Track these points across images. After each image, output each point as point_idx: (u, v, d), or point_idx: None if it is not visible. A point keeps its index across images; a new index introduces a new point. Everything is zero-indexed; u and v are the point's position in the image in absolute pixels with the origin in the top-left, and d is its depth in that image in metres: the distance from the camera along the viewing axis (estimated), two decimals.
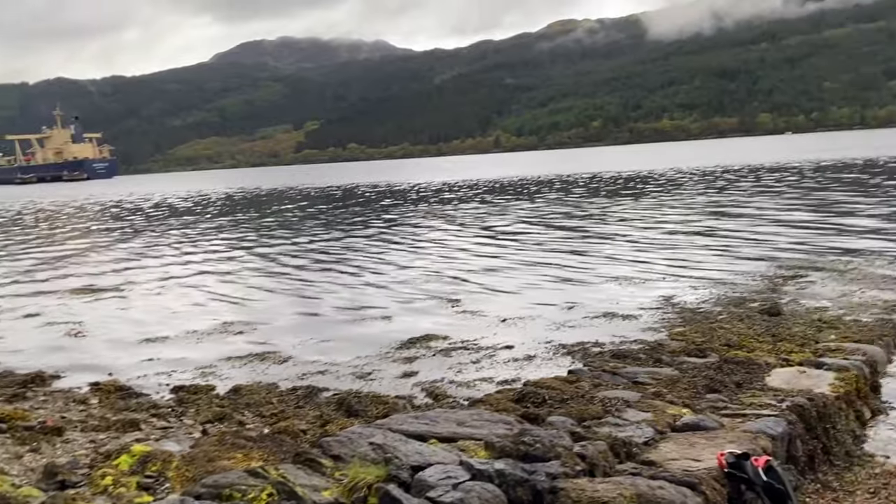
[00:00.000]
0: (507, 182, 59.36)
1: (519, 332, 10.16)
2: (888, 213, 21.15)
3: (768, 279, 12.62)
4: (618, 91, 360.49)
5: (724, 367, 6.67)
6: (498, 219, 27.31)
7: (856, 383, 6.45)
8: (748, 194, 31.76)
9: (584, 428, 4.71)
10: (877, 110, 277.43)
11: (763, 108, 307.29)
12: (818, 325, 8.94)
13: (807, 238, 17.45)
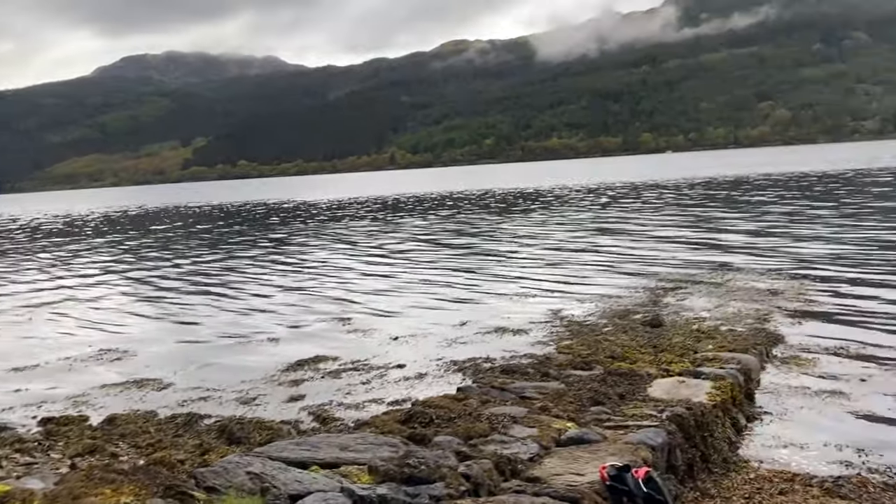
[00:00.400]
0: (401, 199, 59.43)
1: (410, 351, 10.07)
2: (758, 228, 22.36)
3: (650, 292, 13.04)
4: (509, 110, 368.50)
5: (609, 379, 6.78)
6: (390, 237, 27.22)
7: (731, 391, 6.69)
8: (631, 210, 32.97)
9: (470, 447, 4.65)
10: (749, 130, 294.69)
11: (645, 128, 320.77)
12: (697, 335, 9.27)
13: (685, 252, 18.20)
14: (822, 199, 32.16)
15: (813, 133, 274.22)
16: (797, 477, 5.41)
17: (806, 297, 11.71)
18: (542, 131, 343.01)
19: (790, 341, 9.19)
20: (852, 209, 26.08)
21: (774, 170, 68.61)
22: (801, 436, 6.28)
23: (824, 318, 10.25)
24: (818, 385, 7.54)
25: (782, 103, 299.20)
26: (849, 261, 15.00)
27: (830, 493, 5.08)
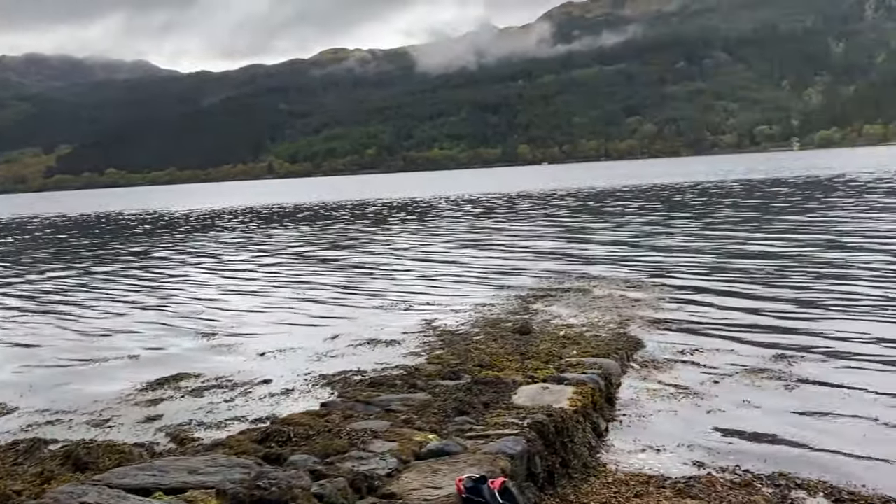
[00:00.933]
0: (276, 210, 58.26)
1: (278, 366, 9.77)
2: (622, 238, 23.29)
3: (522, 300, 13.26)
4: (390, 120, 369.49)
5: (475, 388, 6.79)
6: (262, 249, 26.57)
7: (592, 396, 6.84)
8: (505, 220, 33.64)
9: (326, 465, 4.50)
10: (618, 143, 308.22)
11: (522, 140, 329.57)
12: (563, 341, 9.46)
13: (555, 261, 18.69)
14: (680, 209, 33.96)
15: (676, 146, 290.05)
16: (652, 479, 5.56)
17: (664, 303, 12.23)
18: (423, 142, 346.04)
19: (649, 346, 9.53)
20: (708, 219, 27.63)
21: (639, 181, 71.94)
22: (658, 438, 6.48)
23: (680, 324, 10.71)
24: (675, 387, 7.84)
25: (648, 118, 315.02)
26: (702, 268, 15.82)
27: (682, 493, 5.24)
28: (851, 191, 39.39)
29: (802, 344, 9.10)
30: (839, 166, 78.86)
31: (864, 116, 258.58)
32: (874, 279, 13.20)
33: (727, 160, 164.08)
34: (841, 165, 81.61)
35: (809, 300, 11.83)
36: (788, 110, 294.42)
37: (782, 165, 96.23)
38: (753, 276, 14.26)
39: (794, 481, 5.44)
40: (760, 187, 48.49)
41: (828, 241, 19.06)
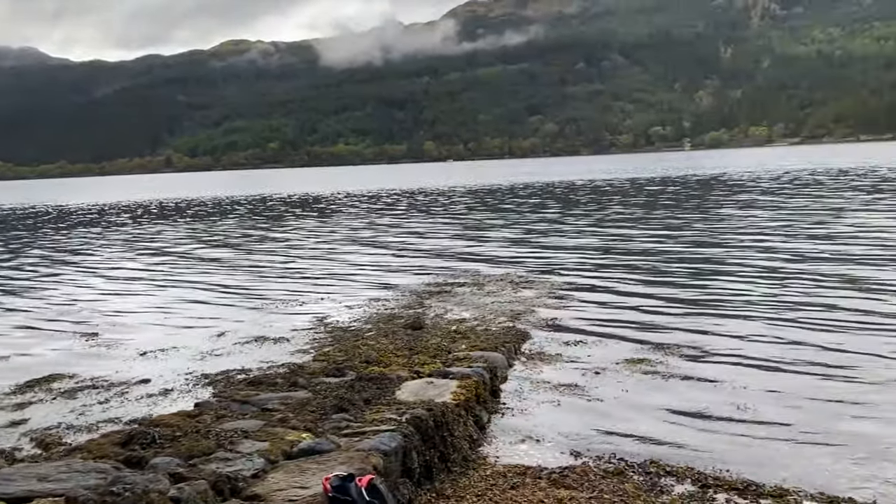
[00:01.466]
0: (168, 205, 56.38)
1: (159, 365, 9.39)
2: (518, 234, 23.68)
3: (417, 295, 13.23)
4: (294, 114, 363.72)
5: (357, 384, 6.69)
6: (151, 244, 25.64)
7: (476, 389, 6.86)
8: (405, 216, 33.63)
9: (189, 467, 4.31)
10: (521, 142, 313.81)
11: (428, 136, 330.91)
12: (453, 336, 9.48)
13: (452, 255, 18.79)
14: (574, 206, 34.82)
15: (577, 145, 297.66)
16: (529, 470, 5.62)
17: (553, 298, 12.45)
18: (328, 136, 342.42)
19: (537, 339, 9.67)
20: (598, 216, 28.41)
21: (538, 179, 73.39)
22: (538, 429, 6.57)
23: (567, 318, 10.92)
24: (558, 379, 7.97)
25: (550, 117, 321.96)
26: (590, 264, 16.21)
27: (556, 484, 5.31)
28: (732, 189, 41.33)
29: (680, 338, 9.41)
30: (724, 166, 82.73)
31: (750, 119, 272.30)
32: (748, 276, 13.83)
33: (623, 159, 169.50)
34: (725, 165, 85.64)
35: (687, 296, 12.28)
36: (681, 112, 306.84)
37: (672, 165, 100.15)
38: (637, 272, 14.70)
39: (664, 469, 5.60)
40: (649, 186, 50.26)
41: (707, 237, 19.90)
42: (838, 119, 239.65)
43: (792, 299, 11.30)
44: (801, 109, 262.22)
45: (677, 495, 5.13)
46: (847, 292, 11.63)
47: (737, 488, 5.23)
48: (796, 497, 5.01)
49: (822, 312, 10.30)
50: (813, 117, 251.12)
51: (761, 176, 55.13)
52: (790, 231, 20.06)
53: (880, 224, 20.63)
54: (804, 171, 58.35)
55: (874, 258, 14.82)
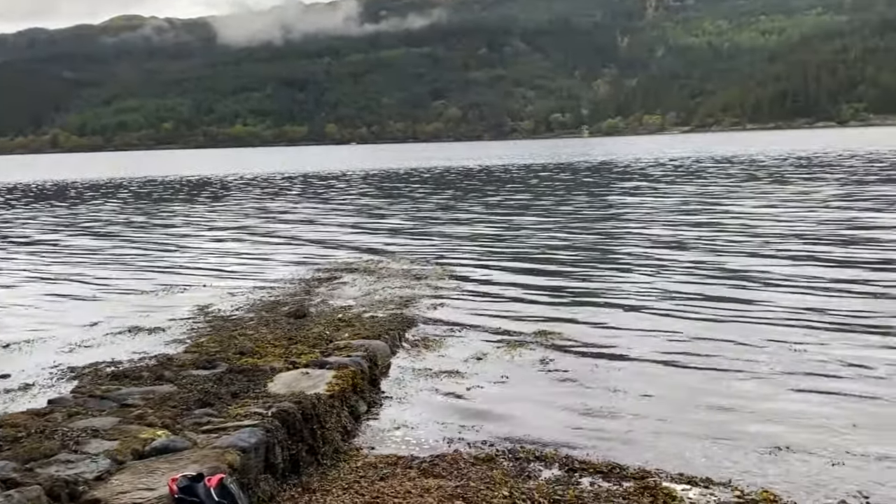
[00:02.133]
0: (52, 186, 53.51)
1: (22, 359, 8.84)
2: (414, 219, 23.66)
3: (305, 282, 12.97)
4: (189, 93, 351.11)
5: (227, 377, 6.46)
6: (23, 229, 24.25)
7: (353, 379, 6.74)
8: (299, 200, 33.05)
9: (25, 471, 4.02)
10: (425, 126, 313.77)
11: (330, 118, 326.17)
12: (338, 324, 9.31)
13: (345, 241, 18.59)
14: (471, 191, 35.12)
15: (479, 131, 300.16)
16: (401, 460, 5.55)
17: (444, 283, 12.45)
18: (225, 117, 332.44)
19: (424, 325, 9.64)
20: (494, 200, 28.71)
21: (440, 164, 73.62)
22: (414, 417, 6.52)
23: (456, 304, 10.94)
24: (440, 366, 7.95)
25: (454, 102, 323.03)
26: (483, 249, 16.36)
27: (426, 473, 5.27)
28: (621, 176, 42.60)
29: (562, 325, 9.53)
30: (617, 153, 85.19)
31: (644, 107, 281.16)
32: (629, 264, 14.24)
33: (523, 145, 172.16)
34: (618, 152, 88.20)
35: (572, 283, 12.52)
36: (579, 99, 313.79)
37: (568, 151, 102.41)
38: (525, 259, 14.88)
39: (534, 454, 5.65)
40: (543, 172, 51.19)
41: (594, 225, 20.41)
42: (726, 108, 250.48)
43: (667, 287, 11.68)
44: (692, 99, 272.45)
45: (544, 480, 5.17)
46: (717, 280, 12.13)
47: (601, 471, 5.32)
48: (657, 478, 5.14)
49: (695, 301, 10.68)
50: (703, 106, 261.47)
51: (650, 163, 57.07)
52: (670, 218, 20.79)
53: (751, 211, 21.65)
54: (689, 159, 60.73)
55: (744, 245, 15.52)
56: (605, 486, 5.07)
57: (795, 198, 24.76)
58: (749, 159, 55.53)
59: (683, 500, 4.85)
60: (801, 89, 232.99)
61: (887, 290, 10.58)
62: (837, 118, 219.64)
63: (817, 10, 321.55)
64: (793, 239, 15.78)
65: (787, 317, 9.33)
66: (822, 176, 34.82)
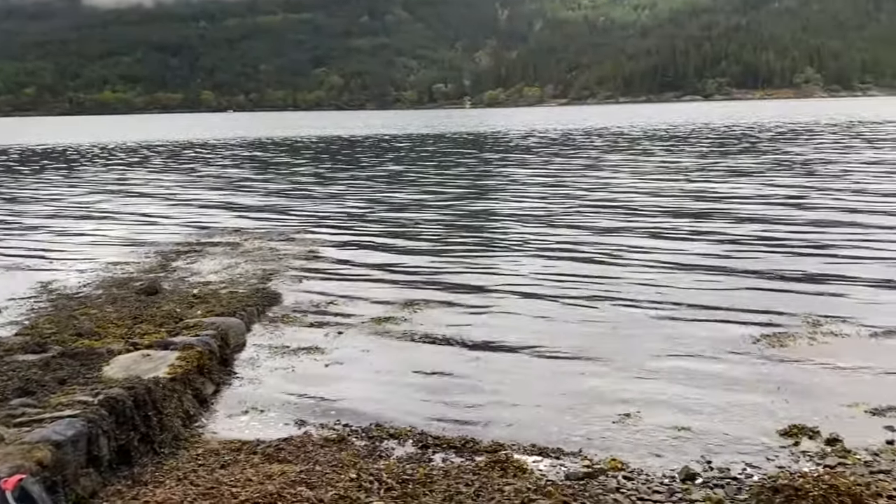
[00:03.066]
0: None
1: None
2: (284, 189, 23.07)
3: (163, 256, 12.28)
4: (52, 57, 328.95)
5: (56, 361, 5.92)
6: None
7: (199, 360, 6.33)
8: (164, 170, 31.50)
9: None
10: (306, 94, 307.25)
11: (206, 85, 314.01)
12: (192, 300, 8.80)
13: (210, 213, 17.86)
14: (345, 162, 34.61)
15: (362, 100, 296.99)
16: (245, 445, 5.24)
17: (311, 256, 12.08)
18: (93, 83, 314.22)
19: (286, 300, 9.27)
20: (369, 172, 28.33)
21: (317, 133, 72.20)
22: (265, 399, 6.20)
23: (322, 277, 10.62)
24: (299, 343, 7.63)
25: (336, 70, 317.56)
26: (354, 221, 16.08)
27: (271, 458, 4.99)
28: (498, 146, 43.11)
29: (429, 296, 9.41)
30: (494, 124, 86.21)
31: (524, 79, 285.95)
32: (502, 234, 14.31)
33: (406, 115, 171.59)
34: (496, 123, 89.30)
35: (441, 254, 12.41)
36: (461, 70, 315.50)
37: (449, 122, 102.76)
38: (398, 230, 14.68)
39: (388, 432, 5.47)
40: (424, 143, 51.10)
41: (468, 196, 20.45)
42: (601, 82, 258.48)
43: (534, 263, 11.78)
44: (569, 72, 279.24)
45: (395, 459, 5.01)
46: (582, 255, 12.35)
47: (455, 446, 5.21)
48: (509, 451, 5.07)
49: (561, 278, 10.81)
50: (579, 80, 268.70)
51: (526, 135, 58.02)
52: (542, 191, 21.12)
53: (608, 180, 22.32)
54: (561, 131, 62.19)
55: (610, 217, 15.93)
56: (456, 462, 4.95)
57: (658, 169, 25.70)
58: (619, 132, 57.38)
59: (534, 471, 4.80)
60: (671, 64, 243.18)
61: (741, 266, 11.06)
62: (703, 92, 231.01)
63: None
64: (654, 211, 16.30)
65: (647, 290, 9.56)
66: (683, 147, 36.36)
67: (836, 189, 18.51)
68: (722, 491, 4.52)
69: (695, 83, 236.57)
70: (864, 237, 12.25)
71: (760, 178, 21.50)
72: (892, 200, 16.27)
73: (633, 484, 4.64)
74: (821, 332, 7.46)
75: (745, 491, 4.49)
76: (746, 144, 37.32)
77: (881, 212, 14.79)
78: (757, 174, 22.73)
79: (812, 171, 22.88)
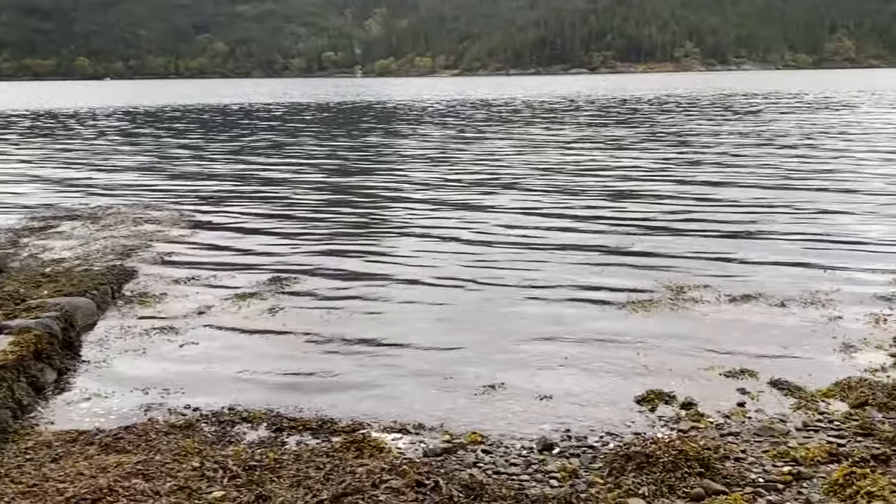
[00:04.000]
0: None
1: None
2: (150, 162, 21.99)
3: (15, 232, 11.39)
4: None
5: None
6: None
7: (37, 345, 5.84)
8: (19, 142, 29.38)
9: None
10: (189, 61, 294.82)
11: (81, 51, 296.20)
12: (40, 279, 8.16)
13: (69, 185, 16.82)
14: (219, 131, 33.43)
15: (248, 67, 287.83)
16: (82, 436, 4.84)
17: (176, 230, 11.49)
18: None
19: (145, 277, 8.75)
20: (241, 143, 27.41)
21: (197, 101, 69.39)
22: (111, 385, 5.77)
23: (186, 252, 10.10)
24: (154, 323, 7.18)
25: (220, 37, 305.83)
26: (225, 193, 15.50)
27: (108, 449, 4.62)
28: (384, 117, 42.70)
29: (298, 270, 9.09)
30: (386, 94, 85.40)
31: (415, 49, 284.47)
32: (381, 205, 14.08)
33: (294, 83, 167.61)
34: (388, 93, 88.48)
35: (315, 228, 12.09)
36: (352, 38, 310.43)
37: (339, 91, 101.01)
38: (271, 203, 14.17)
39: (241, 415, 5.18)
40: (306, 112, 50.02)
41: (349, 167, 20.08)
42: (491, 53, 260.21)
43: (413, 235, 11.63)
44: (459, 42, 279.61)
45: (246, 444, 4.74)
46: (461, 230, 12.30)
47: (311, 428, 4.99)
48: (367, 430, 4.89)
49: (436, 251, 10.69)
50: (470, 51, 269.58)
51: (415, 104, 57.74)
52: (421, 165, 20.98)
53: (494, 151, 22.47)
54: (444, 102, 62.26)
55: (488, 183, 15.97)
56: (311, 445, 4.73)
57: (537, 141, 26.04)
58: (505, 103, 57.91)
59: (392, 449, 4.64)
60: (558, 36, 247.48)
61: (608, 242, 11.26)
62: (589, 65, 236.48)
63: None
64: (531, 186, 16.46)
65: (517, 267, 9.57)
66: (564, 118, 37.05)
67: (704, 161, 19.23)
68: (577, 460, 4.50)
69: (581, 56, 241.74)
70: (725, 209, 12.75)
71: (635, 151, 22.09)
72: (749, 171, 17.05)
73: (490, 458, 4.56)
74: (682, 299, 7.64)
75: (599, 459, 4.49)
76: (624, 116, 38.39)
77: (740, 184, 15.44)
78: (631, 147, 23.35)
79: (684, 142, 23.73)
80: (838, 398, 5.31)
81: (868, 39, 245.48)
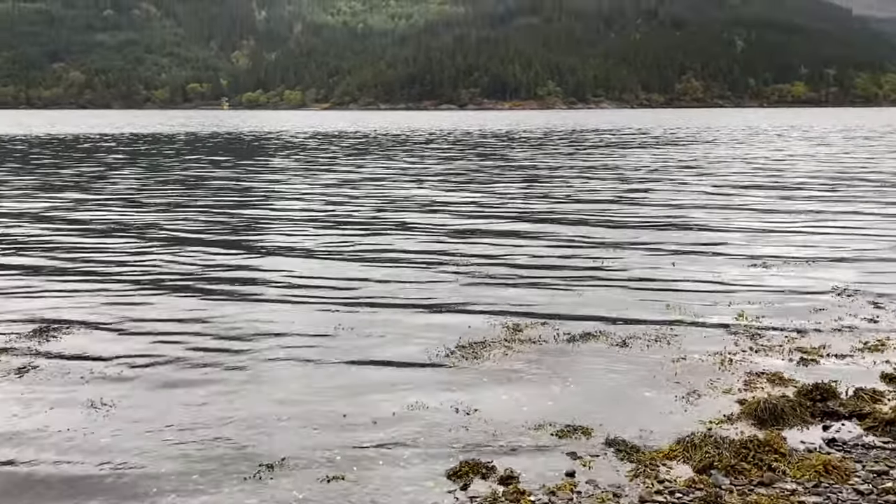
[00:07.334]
0: None
1: None
2: None
3: None
4: None
5: None
6: None
7: None
8: None
9: None
10: (42, 91, 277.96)
11: None
12: None
13: None
14: (34, 165, 30.83)
15: (108, 98, 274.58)
16: None
17: None
18: None
19: None
20: (55, 177, 25.22)
21: (47, 130, 64.87)
22: None
23: None
24: None
25: (76, 66, 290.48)
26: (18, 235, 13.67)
27: None
28: (230, 149, 40.97)
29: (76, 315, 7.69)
30: (233, 125, 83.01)
31: (285, 82, 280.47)
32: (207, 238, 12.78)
33: (156, 115, 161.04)
34: (234, 125, 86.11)
35: (119, 271, 10.65)
36: (217, 70, 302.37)
37: (198, 122, 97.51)
38: (91, 238, 12.60)
39: None
40: (134, 143, 47.48)
41: (172, 202, 18.57)
42: (362, 88, 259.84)
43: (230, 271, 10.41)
44: (330, 77, 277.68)
45: None
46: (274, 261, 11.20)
47: None
48: None
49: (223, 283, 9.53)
50: (340, 85, 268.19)
51: (261, 137, 56.10)
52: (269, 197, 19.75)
53: (340, 186, 21.55)
54: (305, 133, 61.05)
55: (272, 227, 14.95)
56: None
57: (395, 175, 25.31)
58: (365, 135, 57.24)
59: None
60: (427, 73, 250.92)
61: (446, 277, 10.46)
62: (458, 102, 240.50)
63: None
64: (380, 225, 15.56)
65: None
66: (423, 153, 36.62)
67: (547, 195, 18.98)
68: None
69: (450, 93, 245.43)
70: (567, 243, 12.25)
71: (482, 186, 21.67)
72: (580, 206, 16.84)
73: None
74: (518, 340, 6.81)
75: None
76: (480, 149, 38.44)
77: (576, 221, 15.12)
78: (480, 182, 22.96)
79: (535, 177, 23.59)
80: (681, 460, 4.54)
81: (714, 80, 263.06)
